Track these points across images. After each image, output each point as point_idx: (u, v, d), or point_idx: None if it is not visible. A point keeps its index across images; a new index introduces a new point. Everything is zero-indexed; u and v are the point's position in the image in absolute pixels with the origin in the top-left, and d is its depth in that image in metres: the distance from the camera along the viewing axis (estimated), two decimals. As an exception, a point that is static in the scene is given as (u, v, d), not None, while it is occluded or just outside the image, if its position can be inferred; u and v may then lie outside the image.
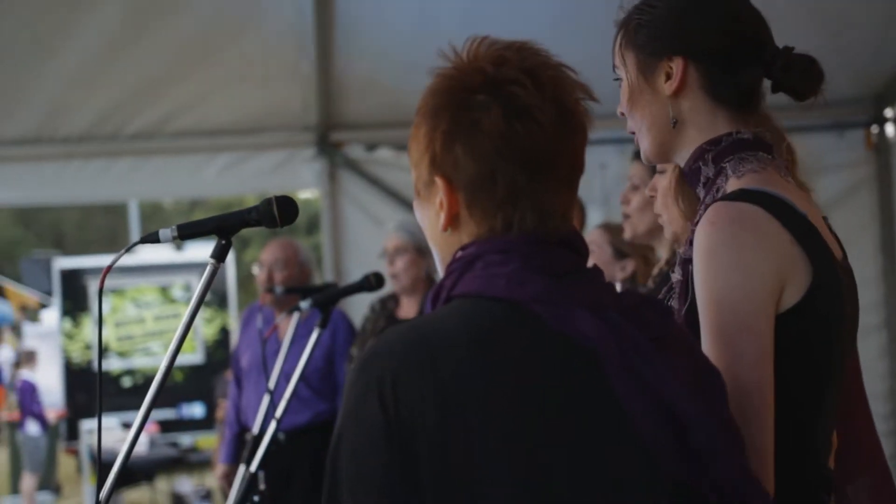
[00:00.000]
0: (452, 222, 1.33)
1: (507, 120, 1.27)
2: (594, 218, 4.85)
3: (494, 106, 1.28)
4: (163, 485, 9.69)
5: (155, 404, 1.79)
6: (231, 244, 1.81)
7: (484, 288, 1.27)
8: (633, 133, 1.75)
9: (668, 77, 1.66)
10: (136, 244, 1.81)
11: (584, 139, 1.34)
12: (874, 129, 5.47)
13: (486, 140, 1.28)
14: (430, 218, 1.37)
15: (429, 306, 1.34)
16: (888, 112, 5.44)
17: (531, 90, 1.28)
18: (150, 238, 1.81)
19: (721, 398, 1.33)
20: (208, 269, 1.78)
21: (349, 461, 1.20)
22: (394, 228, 4.16)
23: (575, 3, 4.74)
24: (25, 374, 11.50)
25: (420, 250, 3.98)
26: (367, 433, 1.19)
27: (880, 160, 5.47)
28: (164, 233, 1.80)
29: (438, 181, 1.33)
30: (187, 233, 1.81)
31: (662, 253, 2.95)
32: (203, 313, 10.69)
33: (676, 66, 1.65)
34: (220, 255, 1.80)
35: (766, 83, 1.72)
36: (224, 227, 1.81)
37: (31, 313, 18.75)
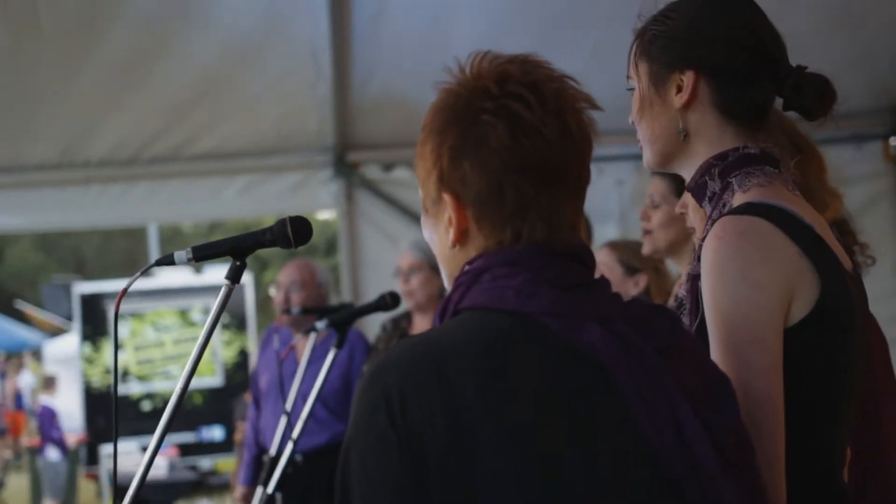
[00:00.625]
0: (461, 238, 1.33)
1: (512, 135, 1.28)
2: (611, 234, 4.84)
3: (500, 122, 1.28)
4: (183, 508, 9.70)
5: (173, 428, 1.78)
6: (245, 265, 1.81)
7: (492, 300, 1.27)
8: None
9: (679, 90, 1.66)
10: (151, 266, 1.81)
11: (590, 149, 1.34)
12: (893, 140, 5.44)
13: (493, 155, 1.29)
14: (438, 235, 1.37)
15: (437, 320, 1.34)
16: (906, 124, 5.42)
17: (535, 105, 1.29)
18: (166, 260, 1.81)
19: (732, 407, 1.32)
20: (223, 291, 1.78)
21: (360, 475, 1.20)
22: (408, 247, 4.16)
23: (594, 22, 4.74)
24: (45, 399, 11.55)
25: (434, 268, 3.98)
26: (377, 446, 1.19)
27: (899, 173, 5.45)
28: (180, 255, 1.81)
29: (447, 198, 1.33)
30: (202, 254, 1.81)
31: (682, 270, 2.93)
32: (222, 336, 10.71)
33: (687, 79, 1.65)
34: (234, 277, 1.81)
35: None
36: (239, 248, 1.81)
37: (56, 331, 18.87)
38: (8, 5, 4.50)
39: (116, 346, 1.82)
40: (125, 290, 1.74)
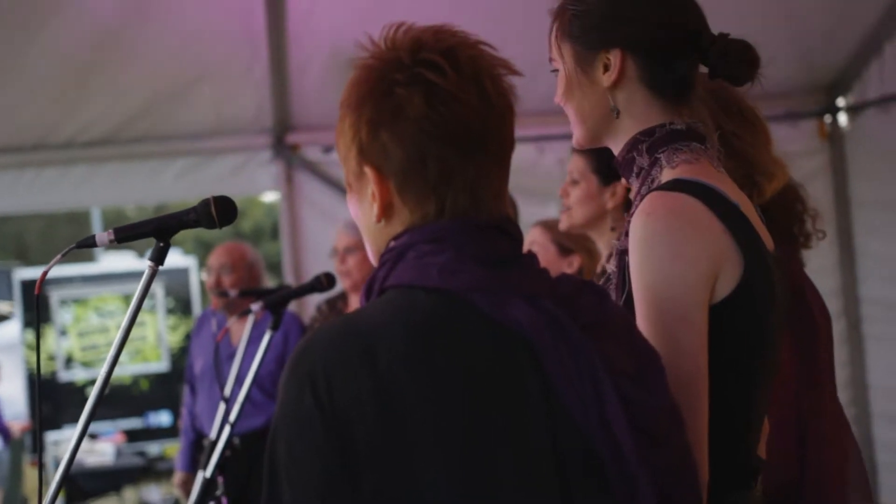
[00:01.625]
0: (385, 212, 1.33)
1: (428, 103, 1.27)
2: (552, 213, 4.85)
3: (415, 91, 1.28)
4: (130, 494, 9.60)
5: (120, 413, 1.77)
6: (169, 246, 1.80)
7: (417, 278, 1.26)
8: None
9: (606, 69, 1.66)
10: (71, 248, 1.79)
11: (511, 115, 1.34)
12: (827, 118, 5.51)
13: (412, 125, 1.28)
14: (363, 210, 1.37)
15: (363, 298, 1.33)
16: (841, 102, 5.49)
17: (449, 71, 1.28)
18: (88, 242, 1.79)
19: (661, 382, 1.33)
20: (146, 272, 1.76)
21: (287, 458, 1.19)
22: (343, 227, 4.14)
23: (526, 10, 4.73)
24: (-15, 387, 11.36)
25: None
26: (304, 428, 1.18)
27: (834, 150, 5.51)
28: (101, 236, 1.78)
29: (368, 171, 1.32)
30: (125, 235, 1.79)
31: (602, 248, 2.96)
32: (167, 321, 10.62)
33: (614, 57, 1.66)
34: (158, 258, 1.79)
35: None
36: (162, 229, 1.80)
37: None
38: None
39: (38, 334, 1.79)
40: (45, 274, 1.72)
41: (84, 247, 1.78)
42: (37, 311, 1.75)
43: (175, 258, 10.46)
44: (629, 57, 1.66)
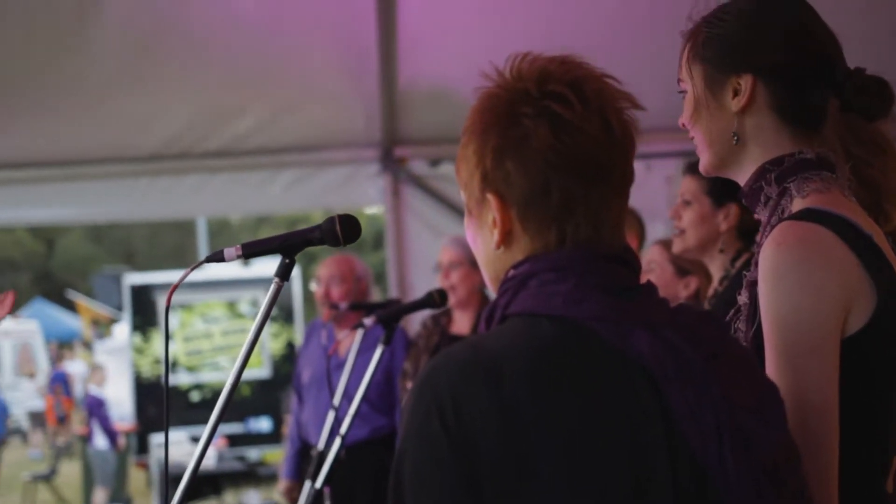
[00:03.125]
0: (505, 239, 1.34)
1: (554, 134, 1.28)
2: (659, 232, 4.81)
3: (541, 121, 1.29)
4: (230, 498, 9.78)
5: (222, 419, 1.80)
6: (294, 263, 1.82)
7: (540, 306, 1.27)
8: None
9: (736, 93, 1.64)
10: (201, 263, 1.82)
11: (633, 147, 1.34)
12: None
13: (537, 155, 1.29)
14: (482, 237, 1.38)
15: (483, 325, 1.34)
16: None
17: (575, 103, 1.29)
18: (216, 257, 1.82)
19: (780, 416, 1.31)
20: (272, 288, 1.79)
21: (413, 480, 1.20)
22: (448, 242, 4.16)
23: (642, 21, 4.70)
24: (93, 389, 11.70)
25: (474, 263, 3.97)
26: (430, 452, 1.19)
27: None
28: (229, 252, 1.82)
29: (491, 198, 1.33)
30: (252, 252, 1.82)
31: (714, 271, 2.92)
32: (269, 328, 10.79)
33: (745, 83, 1.63)
34: (283, 274, 1.81)
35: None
36: (288, 245, 1.82)
37: (102, 328, 19.07)
38: None
39: (167, 339, 1.84)
40: (176, 286, 1.75)
41: (213, 261, 1.82)
42: (166, 324, 1.80)
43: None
44: (760, 83, 1.63)
